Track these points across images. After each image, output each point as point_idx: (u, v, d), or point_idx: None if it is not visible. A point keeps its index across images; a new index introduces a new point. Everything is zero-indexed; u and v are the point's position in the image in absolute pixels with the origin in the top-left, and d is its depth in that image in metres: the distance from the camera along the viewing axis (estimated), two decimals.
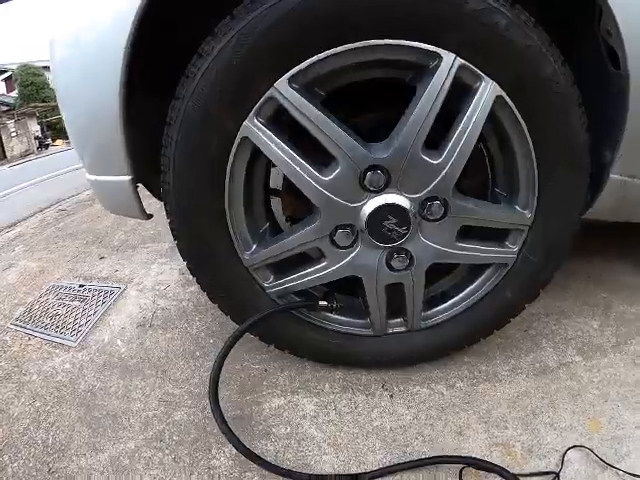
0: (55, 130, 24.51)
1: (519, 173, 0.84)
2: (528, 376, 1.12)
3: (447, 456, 0.93)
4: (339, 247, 0.87)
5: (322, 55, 0.71)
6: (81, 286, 1.74)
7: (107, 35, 0.79)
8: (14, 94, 27.12)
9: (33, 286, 1.87)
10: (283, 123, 0.80)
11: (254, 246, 0.92)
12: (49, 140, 22.54)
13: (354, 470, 0.89)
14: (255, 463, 0.86)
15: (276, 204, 1.10)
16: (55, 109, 24.32)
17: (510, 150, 0.83)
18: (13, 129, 20.64)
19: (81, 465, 0.95)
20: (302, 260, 0.94)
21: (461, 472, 0.88)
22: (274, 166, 0.86)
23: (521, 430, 0.99)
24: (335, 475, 0.88)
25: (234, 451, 0.90)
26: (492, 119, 0.78)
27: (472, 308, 0.99)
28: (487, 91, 0.73)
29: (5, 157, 18.92)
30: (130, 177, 0.91)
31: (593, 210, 0.95)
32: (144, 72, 0.83)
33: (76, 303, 1.61)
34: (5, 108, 23.86)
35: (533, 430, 0.97)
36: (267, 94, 0.75)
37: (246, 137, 0.79)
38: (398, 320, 1.01)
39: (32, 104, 23.38)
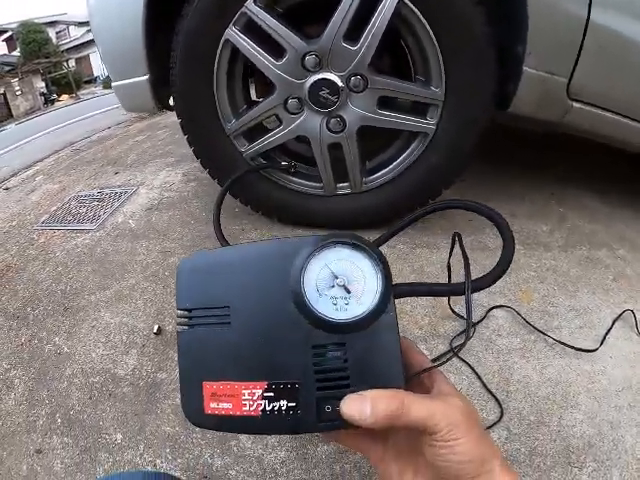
0: (60, 85, 25.51)
1: (430, 60, 1.23)
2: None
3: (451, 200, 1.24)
4: (291, 113, 1.34)
5: None
6: (99, 192, 2.26)
7: None
8: (16, 53, 28.10)
9: (55, 200, 2.39)
10: (253, 30, 1.24)
11: (234, 120, 1.40)
12: (54, 96, 23.52)
13: None
14: None
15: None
16: (58, 65, 25.21)
17: (421, 43, 1.22)
18: (17, 88, 21.66)
19: (91, 300, 1.43)
20: (266, 130, 1.42)
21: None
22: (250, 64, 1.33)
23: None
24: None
25: None
26: (402, 20, 1.19)
27: (406, 172, 1.39)
28: None
29: (12, 116, 20.01)
30: (148, 76, 1.41)
31: (519, 102, 1.26)
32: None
33: (95, 203, 2.13)
34: (8, 68, 25.12)
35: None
36: (241, 10, 1.22)
37: (227, 40, 1.26)
38: (345, 184, 1.46)
39: (35, 61, 24.28)
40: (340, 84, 1.25)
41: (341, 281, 0.41)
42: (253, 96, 1.57)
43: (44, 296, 1.51)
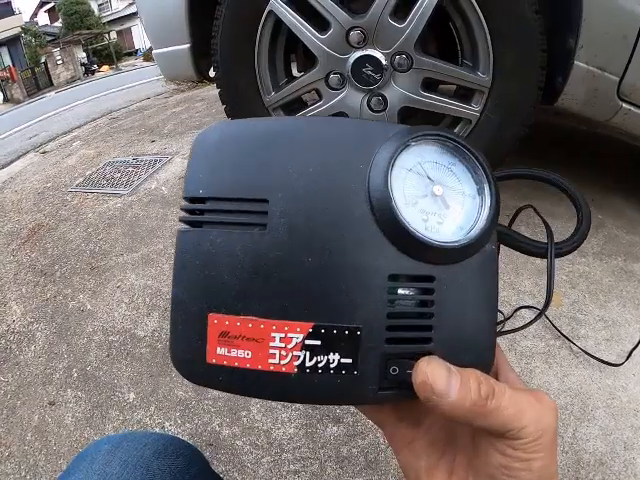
0: (101, 57, 26.11)
1: (478, 45, 1.20)
2: None
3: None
4: (332, 88, 1.32)
5: None
6: (134, 159, 2.30)
7: None
8: (58, 24, 28.95)
9: (91, 164, 2.44)
10: (298, 2, 1.23)
11: (273, 92, 1.40)
12: (95, 66, 24.04)
13: None
14: None
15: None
16: (99, 36, 25.85)
17: (470, 26, 1.19)
18: (59, 57, 22.30)
19: (118, 261, 1.46)
20: (305, 105, 1.42)
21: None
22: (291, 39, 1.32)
23: None
24: None
25: None
26: (451, 0, 1.17)
27: None
28: None
29: (52, 84, 20.62)
30: (189, 45, 1.43)
31: (566, 96, 1.24)
32: None
33: (130, 169, 2.16)
34: (50, 38, 26.43)
35: None
36: None
37: (271, 10, 1.25)
38: None
39: (77, 32, 24.90)
40: (384, 62, 1.23)
41: (439, 190, 0.29)
42: (294, 72, 1.57)
43: (72, 255, 1.55)
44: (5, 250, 1.74)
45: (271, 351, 0.27)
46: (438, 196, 0.28)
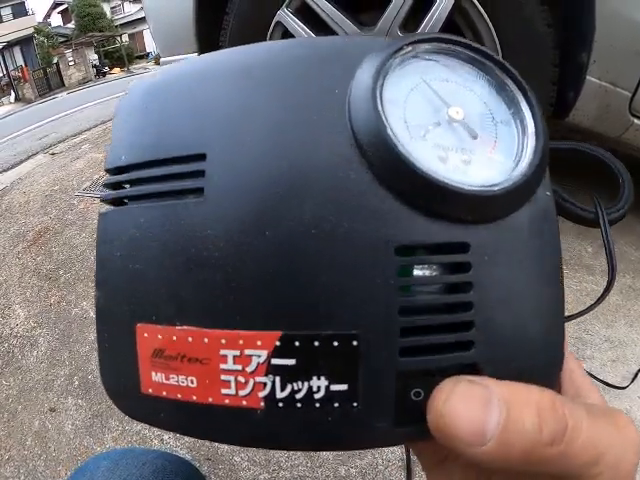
0: (112, 59, 26.43)
1: None
2: None
3: None
4: None
5: None
6: None
7: None
8: (70, 25, 29.41)
9: (99, 168, 2.45)
10: (305, 13, 1.23)
11: None
12: (106, 68, 24.29)
13: None
14: None
15: None
16: (111, 39, 26.20)
17: (481, 40, 1.18)
18: (71, 58, 22.63)
19: None
20: None
21: None
22: None
23: None
24: None
25: None
26: (462, 13, 1.16)
27: None
28: None
29: (64, 85, 20.87)
30: (197, 54, 1.42)
31: (578, 112, 1.23)
32: None
33: None
34: (62, 39, 26.87)
35: None
36: None
37: (279, 22, 1.26)
38: None
39: (89, 34, 25.21)
40: None
41: (458, 113, 0.19)
42: None
43: (77, 261, 1.56)
44: (11, 252, 1.75)
45: (223, 377, 0.18)
46: (458, 122, 0.19)
